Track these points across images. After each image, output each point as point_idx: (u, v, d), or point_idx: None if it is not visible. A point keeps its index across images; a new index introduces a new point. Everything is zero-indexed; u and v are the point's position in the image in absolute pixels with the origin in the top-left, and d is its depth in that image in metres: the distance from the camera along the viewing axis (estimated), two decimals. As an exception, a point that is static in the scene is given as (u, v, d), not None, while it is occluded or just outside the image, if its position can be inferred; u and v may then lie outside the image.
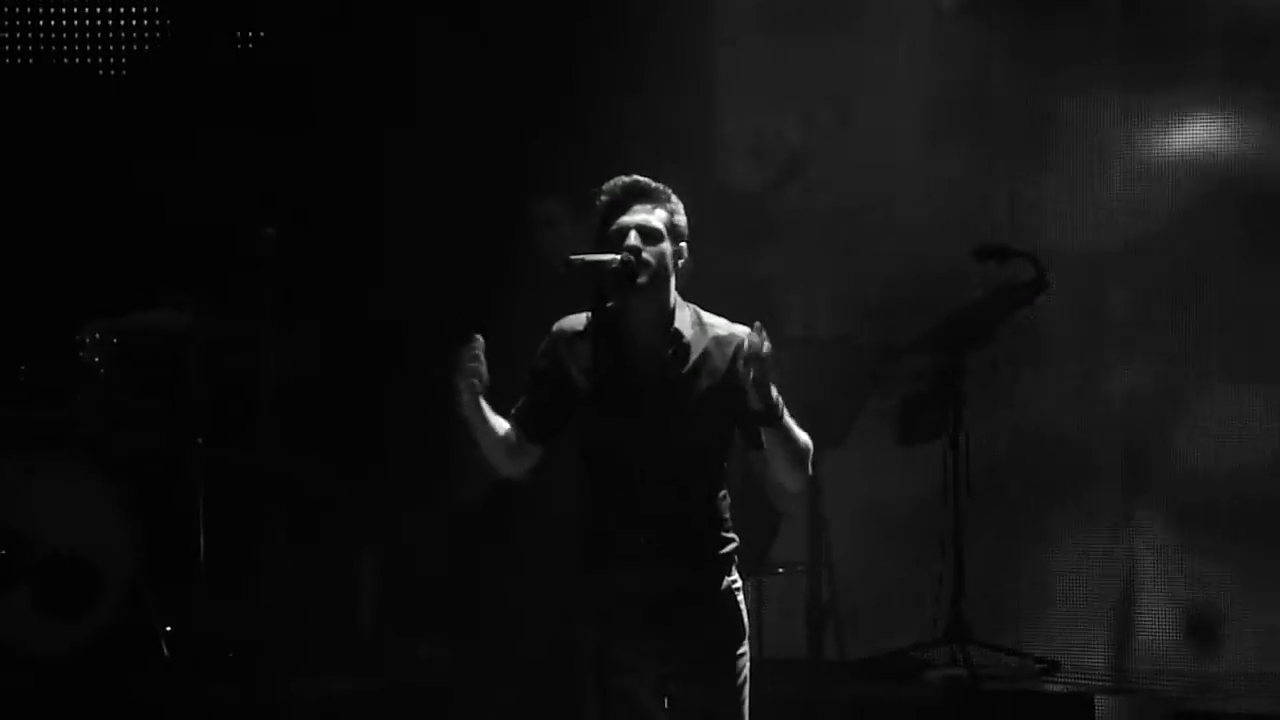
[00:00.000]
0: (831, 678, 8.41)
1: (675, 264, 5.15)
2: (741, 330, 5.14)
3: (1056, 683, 8.32)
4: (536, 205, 8.19)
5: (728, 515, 5.22)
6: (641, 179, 5.17)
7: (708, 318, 5.20)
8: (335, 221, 8.85)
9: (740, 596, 5.22)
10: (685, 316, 5.16)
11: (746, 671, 5.20)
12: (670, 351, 5.12)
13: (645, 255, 5.07)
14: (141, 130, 9.05)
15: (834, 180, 8.96)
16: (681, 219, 5.18)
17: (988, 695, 8.02)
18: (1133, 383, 8.91)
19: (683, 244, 5.18)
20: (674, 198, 5.18)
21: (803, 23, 9.06)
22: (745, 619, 5.23)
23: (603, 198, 5.16)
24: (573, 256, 5.07)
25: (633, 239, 5.07)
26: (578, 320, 5.18)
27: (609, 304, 5.09)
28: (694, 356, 5.13)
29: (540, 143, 8.75)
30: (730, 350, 5.11)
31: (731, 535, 5.22)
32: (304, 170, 8.85)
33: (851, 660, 8.58)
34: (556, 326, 5.22)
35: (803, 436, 5.11)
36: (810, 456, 5.14)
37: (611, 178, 5.19)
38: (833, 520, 8.59)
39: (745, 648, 5.21)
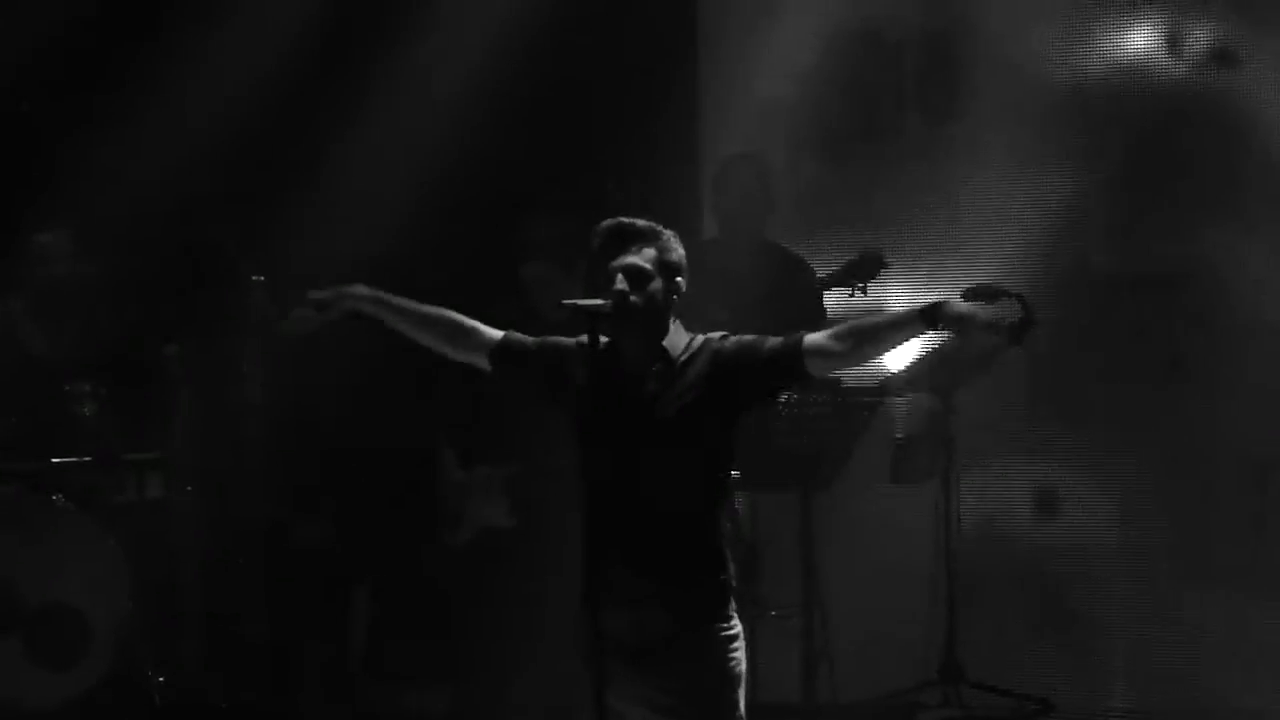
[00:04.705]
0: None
1: (669, 299, 5.16)
2: (715, 334, 5.17)
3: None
4: (527, 268, 8.23)
5: (723, 553, 5.12)
6: (627, 220, 5.19)
7: (700, 340, 5.19)
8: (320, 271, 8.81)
9: (734, 641, 5.11)
10: (679, 342, 5.17)
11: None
12: (654, 370, 5.12)
13: (634, 299, 5.09)
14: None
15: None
16: (675, 254, 5.18)
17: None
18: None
19: (679, 278, 5.18)
20: (665, 234, 5.19)
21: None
22: (737, 664, 5.10)
23: (594, 241, 5.18)
24: (565, 301, 5.13)
25: (619, 283, 5.10)
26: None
27: (601, 339, 5.08)
28: (677, 376, 5.11)
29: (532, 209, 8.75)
30: (709, 353, 5.11)
31: (725, 576, 5.12)
32: (291, 223, 8.83)
33: (845, 703, 8.54)
34: (576, 341, 5.23)
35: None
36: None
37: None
38: (825, 562, 8.57)
39: (738, 696, 5.08)
